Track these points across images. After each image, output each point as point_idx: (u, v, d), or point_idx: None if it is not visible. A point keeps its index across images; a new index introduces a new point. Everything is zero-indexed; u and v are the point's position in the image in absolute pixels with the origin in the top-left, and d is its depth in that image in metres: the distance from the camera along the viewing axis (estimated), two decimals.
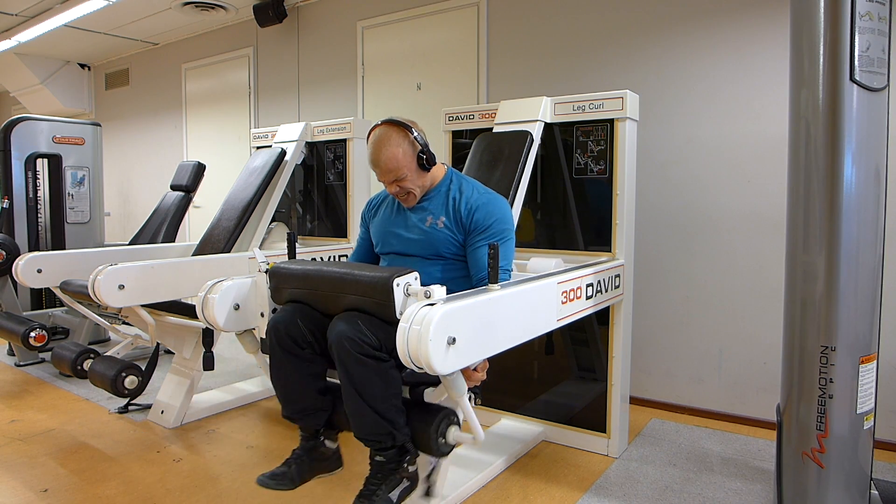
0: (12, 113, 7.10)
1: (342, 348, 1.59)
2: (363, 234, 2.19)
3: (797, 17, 1.73)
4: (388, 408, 1.63)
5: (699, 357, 3.01)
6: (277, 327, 1.75)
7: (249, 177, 3.26)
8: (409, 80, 4.02)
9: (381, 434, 1.65)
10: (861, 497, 1.73)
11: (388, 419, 1.63)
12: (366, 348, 1.58)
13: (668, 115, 3.03)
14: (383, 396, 1.62)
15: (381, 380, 1.62)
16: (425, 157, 1.89)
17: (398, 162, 1.85)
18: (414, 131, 1.88)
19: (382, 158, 1.86)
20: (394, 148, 1.85)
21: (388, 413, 1.63)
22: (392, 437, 1.66)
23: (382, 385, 1.62)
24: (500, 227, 1.89)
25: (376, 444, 1.68)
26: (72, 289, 2.83)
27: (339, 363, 1.62)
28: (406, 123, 1.89)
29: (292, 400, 1.82)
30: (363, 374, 1.60)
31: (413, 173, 1.89)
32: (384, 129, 1.88)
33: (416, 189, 1.93)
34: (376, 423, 1.63)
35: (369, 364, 1.59)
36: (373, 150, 1.89)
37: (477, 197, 1.93)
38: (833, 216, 1.66)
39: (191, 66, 5.51)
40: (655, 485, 2.28)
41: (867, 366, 1.70)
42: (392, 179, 1.89)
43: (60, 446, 2.60)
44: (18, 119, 3.88)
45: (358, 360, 1.59)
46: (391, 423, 1.64)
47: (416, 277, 1.60)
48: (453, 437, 1.72)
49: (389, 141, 1.86)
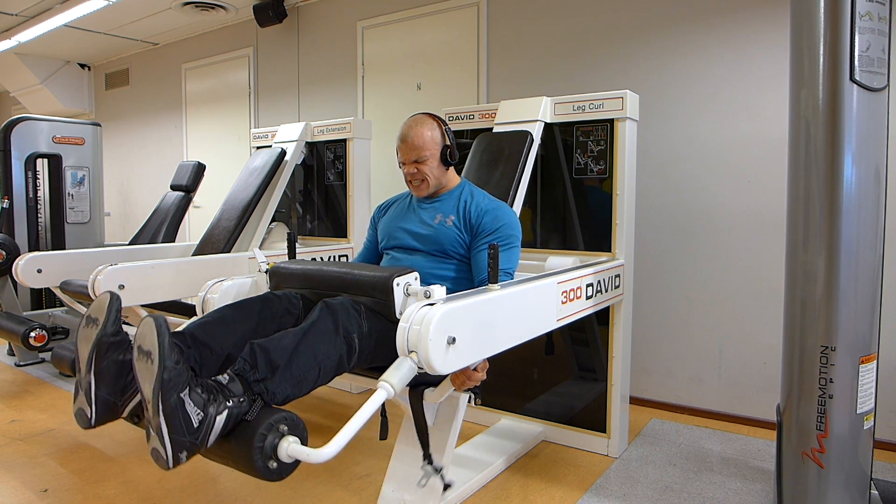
0: (12, 113, 7.10)
1: (334, 307, 1.55)
2: (370, 236, 2.23)
3: (797, 17, 1.73)
4: (306, 363, 1.44)
5: (699, 357, 3.01)
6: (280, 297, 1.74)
7: (249, 177, 3.26)
8: (409, 80, 4.02)
9: (268, 362, 1.40)
10: (861, 497, 1.73)
11: (293, 363, 1.42)
12: (351, 327, 1.55)
13: (668, 115, 3.03)
14: (314, 355, 1.46)
15: (331, 350, 1.50)
16: (449, 151, 2.00)
17: (424, 141, 1.95)
18: (447, 127, 2.03)
19: (412, 134, 1.96)
20: (426, 129, 1.97)
21: (300, 363, 1.43)
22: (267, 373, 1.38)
23: (326, 352, 1.48)
24: (507, 233, 1.94)
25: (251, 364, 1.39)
26: (72, 289, 2.83)
27: (320, 311, 1.53)
28: (442, 118, 2.05)
29: (214, 333, 1.58)
30: (326, 335, 1.49)
31: (434, 160, 1.98)
32: (422, 115, 2.02)
33: (432, 178, 1.99)
34: (281, 354, 1.41)
35: (339, 337, 1.51)
36: (405, 127, 2.01)
37: (488, 202, 2.01)
38: (833, 216, 1.66)
39: (191, 66, 5.51)
40: (655, 485, 2.28)
41: (867, 366, 1.70)
42: (414, 158, 1.96)
43: (60, 446, 2.60)
44: (18, 119, 3.88)
45: (335, 325, 1.52)
46: (288, 366, 1.41)
47: (416, 277, 1.60)
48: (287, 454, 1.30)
49: (424, 123, 1.98)
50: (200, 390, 1.29)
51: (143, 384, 1.29)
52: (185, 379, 1.27)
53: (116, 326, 1.45)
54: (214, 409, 1.29)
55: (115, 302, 1.45)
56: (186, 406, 1.25)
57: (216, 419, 1.29)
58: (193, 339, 1.54)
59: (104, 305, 1.45)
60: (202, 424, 1.27)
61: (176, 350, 1.29)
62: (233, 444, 1.32)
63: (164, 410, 1.23)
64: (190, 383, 1.28)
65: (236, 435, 1.32)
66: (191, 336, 1.54)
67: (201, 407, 1.27)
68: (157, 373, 1.24)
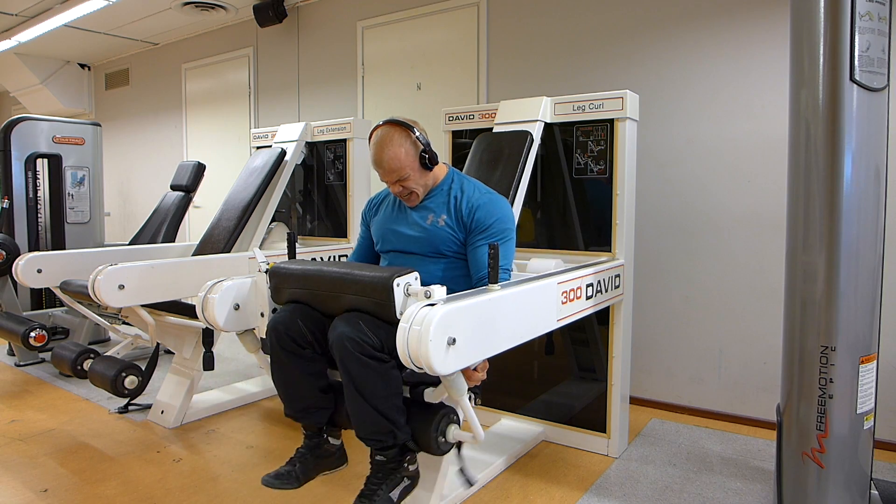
0: (12, 113, 7.10)
1: (343, 349, 1.59)
2: (364, 233, 2.19)
3: (797, 17, 1.73)
4: (389, 407, 1.63)
5: (699, 357, 3.01)
6: (278, 328, 1.75)
7: (249, 177, 3.26)
8: (409, 80, 4.02)
9: (382, 433, 1.65)
10: (861, 497, 1.73)
11: (390, 419, 1.64)
12: (367, 349, 1.58)
13: (668, 115, 3.03)
14: (384, 396, 1.63)
15: (382, 380, 1.62)
16: (427, 156, 1.89)
17: (401, 162, 1.86)
18: (416, 131, 1.89)
19: (385, 158, 1.86)
20: (396, 148, 1.85)
21: (390, 413, 1.63)
22: (393, 436, 1.66)
23: (383, 385, 1.62)
24: (500, 227, 1.90)
25: (378, 443, 1.68)
26: (72, 289, 2.83)
27: (341, 363, 1.62)
28: (408, 123, 1.89)
29: (294, 399, 1.83)
30: (364, 375, 1.60)
31: (416, 173, 1.90)
32: (386, 130, 1.88)
33: (419, 189, 1.94)
34: (377, 423, 1.63)
35: (370, 364, 1.60)
36: (375, 150, 1.89)
37: (478, 196, 1.93)
38: (833, 216, 1.66)
39: (191, 66, 5.51)
40: (655, 485, 2.28)
41: (867, 366, 1.70)
42: (395, 179, 1.89)
43: (60, 446, 2.60)
44: (18, 119, 3.88)
45: (359, 361, 1.59)
46: (392, 423, 1.64)
47: (416, 277, 1.60)
48: (453, 436, 1.72)
49: (392, 141, 1.86)
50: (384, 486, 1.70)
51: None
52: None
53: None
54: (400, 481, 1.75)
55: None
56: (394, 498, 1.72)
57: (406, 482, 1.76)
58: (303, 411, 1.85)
59: None
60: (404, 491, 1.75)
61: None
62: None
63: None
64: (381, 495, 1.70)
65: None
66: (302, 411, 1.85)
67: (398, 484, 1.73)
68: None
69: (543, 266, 2.39)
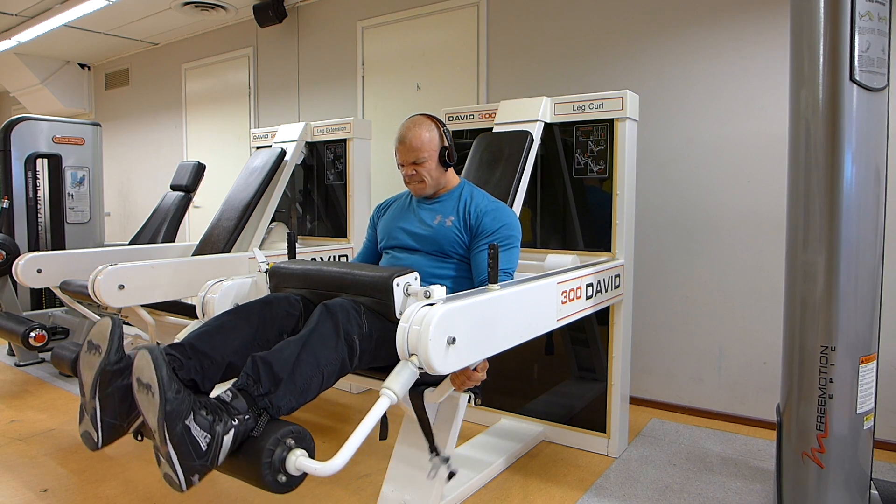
0: (12, 113, 7.10)
1: (333, 309, 1.54)
2: (370, 235, 2.23)
3: (797, 17, 1.73)
4: (309, 371, 1.44)
5: (699, 357, 3.01)
6: (280, 299, 1.73)
7: (249, 177, 3.26)
8: (409, 80, 4.02)
9: (268, 373, 1.40)
10: (861, 497, 1.73)
11: (296, 373, 1.42)
12: (352, 329, 1.54)
13: (668, 115, 3.03)
14: (316, 362, 1.46)
15: (332, 353, 1.50)
16: (447, 152, 1.99)
17: (423, 143, 1.95)
18: (445, 127, 2.02)
19: (410, 135, 1.96)
20: (424, 130, 1.96)
21: (303, 372, 1.43)
22: (270, 387, 1.39)
23: (328, 358, 1.49)
24: (506, 233, 1.94)
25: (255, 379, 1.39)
26: (72, 289, 2.83)
27: (319, 314, 1.53)
28: (441, 119, 2.04)
29: (208, 340, 1.58)
30: (328, 339, 1.49)
31: (433, 162, 1.98)
32: (420, 116, 2.02)
33: (430, 179, 1.99)
34: (283, 366, 1.41)
35: (340, 340, 1.51)
36: (404, 128, 1.99)
37: (487, 203, 2.01)
38: (833, 216, 1.66)
39: (191, 66, 5.51)
40: (655, 485, 2.28)
41: (867, 366, 1.70)
42: (412, 160, 1.96)
43: (60, 446, 2.60)
44: (18, 119, 3.88)
45: (336, 328, 1.51)
46: (291, 377, 1.41)
47: (416, 277, 1.60)
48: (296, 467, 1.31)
49: (422, 124, 1.98)
50: (205, 412, 1.30)
51: (148, 415, 1.30)
52: (189, 405, 1.28)
53: (119, 354, 1.45)
54: (221, 429, 1.30)
55: (117, 329, 1.45)
56: (193, 432, 1.27)
57: (223, 439, 1.30)
58: (193, 349, 1.54)
59: (106, 332, 1.45)
60: (210, 446, 1.28)
61: (175, 379, 1.29)
62: (242, 460, 1.33)
63: (172, 440, 1.25)
64: (193, 408, 1.29)
65: (245, 451, 1.33)
66: (190, 346, 1.54)
67: (207, 429, 1.29)
68: (160, 406, 1.25)
69: (560, 262, 2.42)
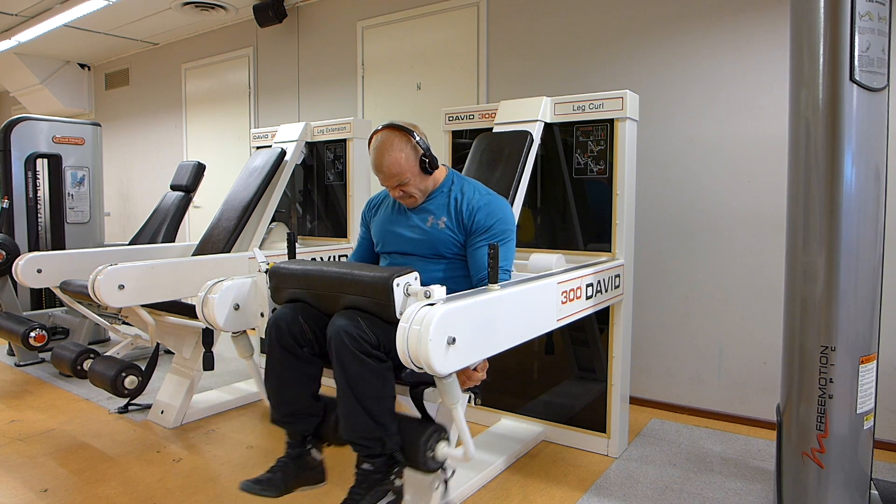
0: (12, 113, 7.10)
1: (341, 343, 1.57)
2: (363, 233, 2.19)
3: (797, 17, 1.73)
4: (381, 410, 1.60)
5: (699, 357, 3.01)
6: (279, 324, 1.74)
7: (249, 177, 3.26)
8: (409, 80, 4.02)
9: (371, 437, 1.60)
10: (861, 497, 1.73)
11: (380, 422, 1.59)
12: (364, 346, 1.57)
13: (668, 115, 3.03)
14: (377, 397, 1.59)
15: (377, 380, 1.59)
16: (427, 160, 1.89)
17: (401, 167, 1.86)
18: (416, 135, 1.88)
19: (385, 164, 1.86)
20: (396, 153, 1.85)
21: (381, 416, 1.59)
22: (381, 443, 1.60)
23: (377, 385, 1.60)
24: (501, 228, 1.90)
25: (365, 448, 1.62)
26: (72, 289, 2.83)
27: (336, 358, 1.59)
28: (408, 128, 1.88)
29: (284, 401, 1.78)
30: (359, 372, 1.58)
31: (416, 177, 1.90)
32: (386, 134, 1.88)
33: (419, 192, 1.93)
34: (367, 425, 1.58)
35: (366, 362, 1.58)
36: (375, 155, 1.88)
37: (479, 198, 1.93)
38: (833, 216, 1.66)
39: (191, 66, 5.51)
40: (655, 485, 2.28)
41: (867, 366, 1.70)
42: (395, 184, 1.89)
43: (60, 446, 2.60)
44: (18, 119, 3.88)
45: (355, 357, 1.57)
46: (382, 427, 1.59)
47: (416, 277, 1.60)
48: (442, 454, 1.65)
49: (392, 146, 1.86)
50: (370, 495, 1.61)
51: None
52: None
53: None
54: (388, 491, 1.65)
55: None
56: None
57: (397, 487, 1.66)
58: (293, 415, 1.80)
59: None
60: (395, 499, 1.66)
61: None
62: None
63: None
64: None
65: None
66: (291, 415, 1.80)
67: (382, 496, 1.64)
68: None
69: (545, 261, 2.39)
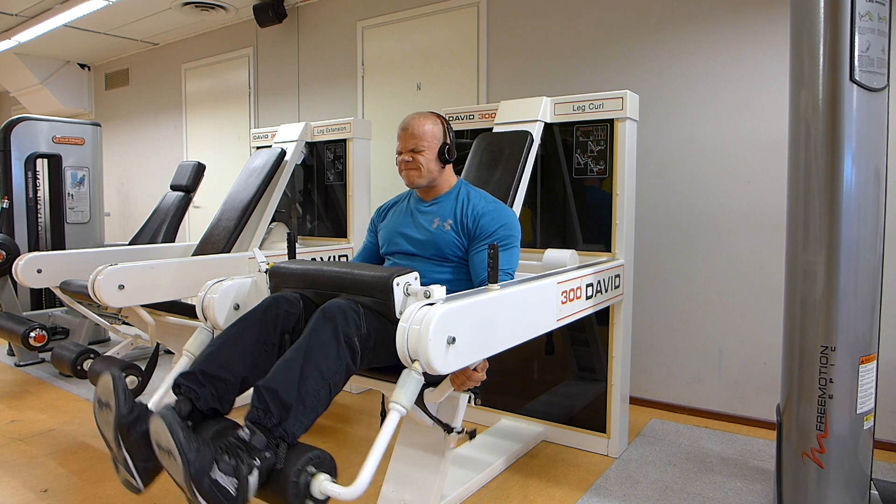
0: (12, 113, 7.10)
1: (330, 313, 1.53)
2: (370, 238, 2.23)
3: (797, 17, 1.73)
4: (313, 387, 1.44)
5: (699, 357, 3.01)
6: (279, 301, 1.72)
7: (249, 177, 3.26)
8: (409, 80, 4.02)
9: (278, 399, 1.41)
10: (861, 497, 1.73)
11: (302, 393, 1.42)
12: (351, 329, 1.53)
13: (668, 115, 3.03)
14: (321, 374, 1.46)
15: (336, 363, 1.49)
16: (447, 149, 2.01)
17: (424, 132, 1.97)
18: (450, 126, 2.06)
19: (413, 124, 1.99)
20: (429, 123, 1.99)
21: (308, 390, 1.43)
22: (280, 415, 1.40)
23: (332, 366, 1.48)
24: (505, 233, 1.93)
25: (261, 409, 1.41)
26: (72, 289, 2.83)
27: (316, 321, 1.52)
28: (447, 119, 2.08)
29: (215, 361, 1.60)
30: (327, 343, 1.49)
31: (431, 152, 1.99)
32: (427, 112, 2.05)
33: (425, 169, 1.99)
34: (289, 386, 1.42)
35: (340, 342, 1.50)
36: (408, 118, 2.02)
37: (485, 204, 2.00)
38: (833, 216, 1.66)
39: (191, 66, 5.51)
40: (655, 485, 2.28)
41: (867, 366, 1.70)
42: (411, 147, 1.98)
43: (60, 446, 2.60)
44: (18, 119, 3.88)
45: (335, 332, 1.51)
46: (299, 400, 1.42)
47: (416, 277, 1.60)
48: (320, 491, 1.36)
49: (427, 117, 2.01)
50: (227, 457, 1.33)
51: (174, 476, 1.34)
52: (210, 457, 1.31)
53: (129, 405, 1.48)
54: (246, 470, 1.34)
55: (119, 383, 1.48)
56: (220, 481, 1.30)
57: (249, 480, 1.34)
58: (205, 375, 1.57)
59: (109, 389, 1.48)
60: (239, 490, 1.32)
61: (192, 438, 1.31)
62: (270, 493, 1.39)
63: (202, 495, 1.29)
64: (216, 457, 1.31)
65: (271, 483, 1.38)
66: (201, 373, 1.58)
67: (233, 474, 1.32)
68: (184, 468, 1.28)
69: (558, 257, 2.41)
